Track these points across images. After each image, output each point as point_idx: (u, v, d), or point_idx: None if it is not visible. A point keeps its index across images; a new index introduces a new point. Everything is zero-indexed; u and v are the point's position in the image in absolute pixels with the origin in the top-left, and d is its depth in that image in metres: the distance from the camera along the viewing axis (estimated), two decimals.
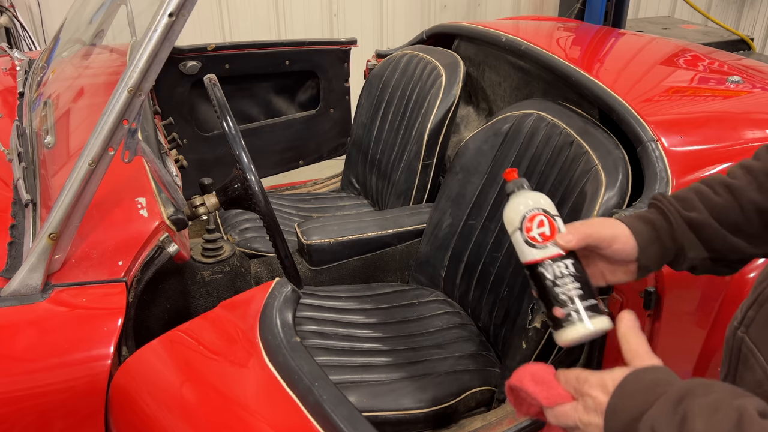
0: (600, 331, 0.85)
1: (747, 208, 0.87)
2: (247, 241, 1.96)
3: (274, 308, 1.02)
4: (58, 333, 0.97)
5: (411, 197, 2.01)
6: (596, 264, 0.91)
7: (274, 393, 0.89)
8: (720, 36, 3.85)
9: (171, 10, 0.95)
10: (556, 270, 0.86)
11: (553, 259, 0.87)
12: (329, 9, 3.96)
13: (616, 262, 0.90)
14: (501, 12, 4.54)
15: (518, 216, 0.90)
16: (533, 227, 0.88)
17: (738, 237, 0.88)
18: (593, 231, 0.87)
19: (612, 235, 0.87)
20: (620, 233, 0.88)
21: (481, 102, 2.23)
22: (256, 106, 2.47)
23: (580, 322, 0.84)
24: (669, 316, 1.26)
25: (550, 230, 0.88)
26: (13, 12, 3.05)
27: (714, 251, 0.89)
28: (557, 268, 0.86)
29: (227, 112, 1.35)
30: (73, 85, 1.61)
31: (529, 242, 0.88)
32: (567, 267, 0.86)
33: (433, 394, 1.41)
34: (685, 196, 0.91)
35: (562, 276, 0.86)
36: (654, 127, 1.37)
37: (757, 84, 1.66)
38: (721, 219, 0.88)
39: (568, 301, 0.85)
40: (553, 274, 0.86)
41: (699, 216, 0.88)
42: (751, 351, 0.74)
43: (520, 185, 0.93)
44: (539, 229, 0.88)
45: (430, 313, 1.70)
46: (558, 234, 0.88)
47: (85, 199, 1.00)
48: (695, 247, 0.89)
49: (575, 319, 0.84)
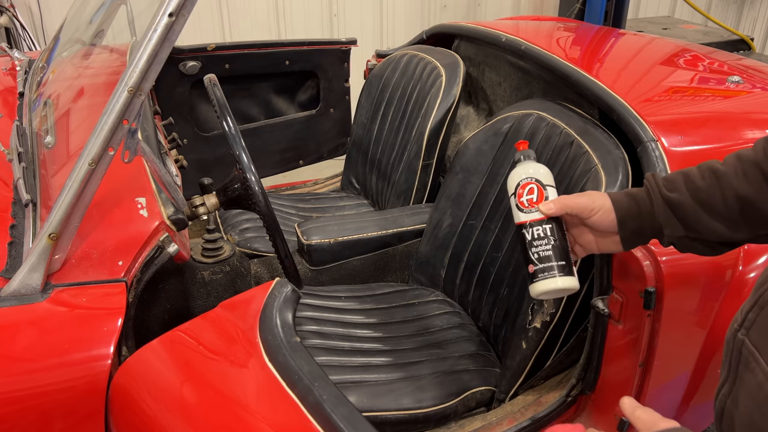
0: (567, 289, 0.99)
1: (727, 194, 0.93)
2: (247, 241, 1.96)
3: (274, 308, 1.02)
4: (58, 333, 0.97)
5: (411, 197, 2.01)
6: (587, 234, 1.04)
7: (274, 393, 0.89)
8: (720, 36, 3.85)
9: (171, 10, 0.95)
10: (535, 232, 1.01)
11: (535, 223, 1.01)
12: (329, 9, 3.96)
13: (602, 233, 1.02)
14: (501, 12, 4.54)
15: (514, 182, 1.04)
16: (524, 193, 1.03)
17: (716, 220, 0.94)
18: (573, 202, 1.00)
19: (592, 207, 0.99)
20: (600, 206, 0.99)
21: (481, 102, 2.23)
22: (256, 106, 2.47)
23: (551, 278, 0.99)
24: (669, 316, 1.26)
25: (537, 197, 1.02)
26: (13, 12, 3.05)
27: (692, 230, 0.97)
28: (537, 230, 1.00)
29: (227, 112, 1.35)
30: (73, 85, 1.61)
31: (519, 206, 1.03)
32: (545, 231, 1.00)
33: (433, 394, 1.41)
34: (671, 178, 1.00)
35: (540, 237, 1.00)
36: (654, 127, 1.37)
37: (757, 84, 1.66)
38: (702, 202, 0.95)
39: (541, 259, 0.99)
40: (532, 235, 1.01)
41: (679, 197, 0.96)
42: (752, 353, 0.73)
43: (527, 155, 1.07)
44: (528, 195, 1.02)
45: (430, 313, 1.70)
46: (543, 202, 1.01)
47: (85, 199, 1.00)
48: (672, 225, 0.97)
49: (546, 275, 0.99)
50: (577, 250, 1.07)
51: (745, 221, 0.93)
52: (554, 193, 1.04)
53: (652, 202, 0.98)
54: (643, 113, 1.40)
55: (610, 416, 1.40)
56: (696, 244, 0.98)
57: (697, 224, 0.96)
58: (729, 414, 0.77)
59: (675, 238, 0.98)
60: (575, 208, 1.00)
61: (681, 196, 0.96)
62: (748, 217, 0.93)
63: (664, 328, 1.27)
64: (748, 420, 0.72)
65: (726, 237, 0.95)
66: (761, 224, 0.93)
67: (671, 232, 0.98)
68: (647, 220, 0.99)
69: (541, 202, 1.01)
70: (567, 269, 1.00)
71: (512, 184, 1.05)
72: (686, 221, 0.96)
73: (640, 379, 1.33)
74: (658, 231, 0.99)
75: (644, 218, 0.99)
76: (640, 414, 0.76)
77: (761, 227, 0.93)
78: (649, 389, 1.34)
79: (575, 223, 1.04)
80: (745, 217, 0.93)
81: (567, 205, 1.00)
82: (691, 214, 0.96)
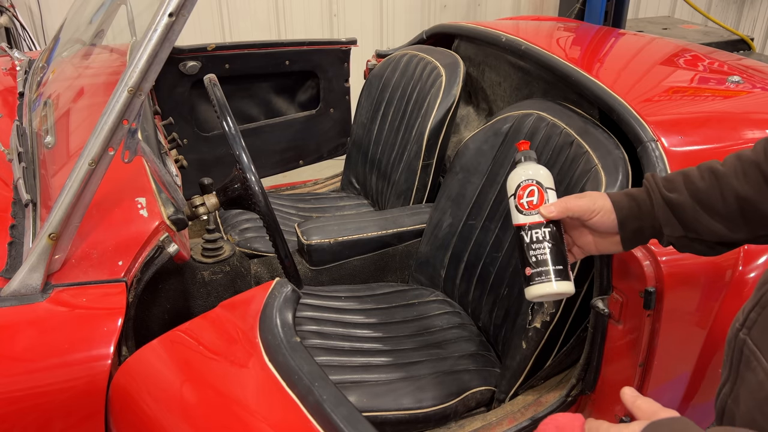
0: (562, 293, 0.99)
1: (727, 194, 0.93)
2: (247, 241, 1.96)
3: (274, 308, 1.02)
4: (58, 333, 0.97)
5: (411, 197, 2.01)
6: (586, 235, 1.04)
7: (274, 393, 0.89)
8: (720, 36, 3.85)
9: (171, 10, 0.95)
10: (533, 235, 0.99)
11: (534, 225, 0.99)
12: (329, 9, 3.96)
13: (602, 234, 1.02)
14: (501, 12, 4.54)
15: (514, 184, 1.03)
16: (524, 195, 1.01)
17: (716, 221, 0.94)
18: (574, 204, 0.99)
19: (593, 209, 0.99)
20: (601, 207, 0.99)
21: (481, 102, 2.23)
22: (256, 106, 2.47)
23: (548, 282, 0.98)
24: (669, 316, 1.26)
25: (538, 200, 1.01)
26: (13, 12, 3.05)
27: (691, 231, 0.97)
28: (536, 233, 0.99)
29: (227, 112, 1.35)
30: (73, 85, 1.61)
31: (518, 208, 1.01)
32: (544, 234, 0.99)
33: (433, 394, 1.41)
34: (671, 178, 1.00)
35: (538, 241, 0.99)
36: (654, 127, 1.37)
37: (757, 84, 1.66)
38: (702, 202, 0.95)
39: (538, 263, 0.98)
40: (530, 238, 0.99)
41: (679, 197, 0.96)
42: (753, 353, 0.73)
43: (528, 156, 1.06)
44: (529, 197, 1.01)
45: (430, 313, 1.70)
46: (543, 205, 1.00)
47: (85, 199, 1.00)
48: (671, 225, 0.97)
49: (543, 279, 0.98)
50: (576, 252, 1.06)
51: (745, 222, 0.93)
52: (554, 195, 1.03)
53: (652, 202, 0.98)
54: (643, 113, 1.40)
55: (610, 416, 1.40)
56: (695, 244, 0.98)
57: (697, 224, 0.95)
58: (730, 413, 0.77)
59: (674, 238, 0.98)
60: (577, 211, 0.99)
61: (681, 197, 0.96)
62: (747, 218, 0.93)
63: (664, 328, 1.27)
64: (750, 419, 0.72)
65: (725, 237, 0.95)
66: (761, 225, 0.93)
67: (671, 232, 0.98)
68: (647, 220, 0.98)
69: (541, 204, 1.00)
70: (563, 274, 0.99)
71: (512, 184, 1.04)
72: (686, 221, 0.96)
73: (640, 379, 1.33)
74: (657, 231, 0.99)
75: (644, 218, 0.98)
76: (641, 404, 0.75)
77: (761, 228, 0.93)
78: (649, 389, 1.34)
79: (575, 225, 1.04)
80: (744, 218, 0.93)
81: (568, 208, 0.99)
82: (690, 214, 0.95)
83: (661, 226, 0.98)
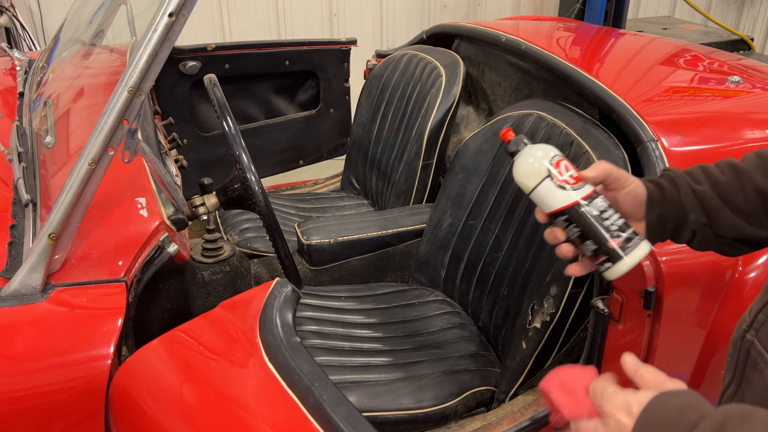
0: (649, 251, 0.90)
1: (748, 189, 0.91)
2: (247, 241, 1.96)
3: (274, 308, 1.02)
4: (58, 333, 0.97)
5: (411, 197, 2.01)
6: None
7: (274, 393, 0.89)
8: (720, 36, 3.85)
9: (171, 10, 0.95)
10: (599, 205, 0.89)
11: (590, 197, 0.89)
12: (329, 9, 3.96)
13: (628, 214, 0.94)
14: (501, 12, 4.54)
15: (542, 167, 0.91)
16: (563, 171, 0.90)
17: (736, 215, 0.92)
18: (609, 166, 0.91)
19: (627, 177, 0.92)
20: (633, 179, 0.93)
21: (481, 102, 2.23)
22: (256, 106, 2.47)
23: (642, 241, 0.89)
24: (669, 316, 1.26)
25: (576, 171, 0.91)
26: (13, 12, 3.05)
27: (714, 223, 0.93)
28: (597, 204, 0.89)
29: (227, 112, 1.35)
30: (73, 85, 1.61)
31: (563, 186, 0.90)
32: (603, 200, 0.90)
33: (433, 394, 1.41)
34: (691, 171, 0.96)
35: (605, 209, 0.89)
36: (654, 127, 1.37)
37: (757, 84, 1.66)
38: (723, 195, 0.92)
39: (620, 228, 0.89)
40: (597, 209, 0.89)
41: (703, 188, 0.93)
42: (761, 354, 0.73)
43: (523, 141, 0.95)
44: (568, 172, 0.90)
45: (430, 313, 1.70)
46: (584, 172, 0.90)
47: (85, 199, 1.00)
48: (696, 211, 0.93)
49: (636, 241, 0.88)
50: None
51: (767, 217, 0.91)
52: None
53: (678, 188, 0.94)
54: (643, 113, 1.40)
55: None
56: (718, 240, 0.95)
57: (720, 217, 0.93)
58: None
59: (699, 225, 0.94)
60: (614, 173, 0.92)
61: (705, 188, 0.93)
62: None
63: (664, 329, 1.27)
64: None
65: (747, 233, 0.93)
66: None
67: (696, 218, 0.93)
68: (673, 206, 0.94)
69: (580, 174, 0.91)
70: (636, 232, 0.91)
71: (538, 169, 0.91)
72: (709, 212, 0.93)
73: None
74: (681, 220, 0.94)
75: (670, 204, 0.94)
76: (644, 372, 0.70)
77: None
78: None
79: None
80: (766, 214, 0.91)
81: (606, 169, 0.91)
82: (714, 206, 0.92)
83: (687, 212, 0.93)
